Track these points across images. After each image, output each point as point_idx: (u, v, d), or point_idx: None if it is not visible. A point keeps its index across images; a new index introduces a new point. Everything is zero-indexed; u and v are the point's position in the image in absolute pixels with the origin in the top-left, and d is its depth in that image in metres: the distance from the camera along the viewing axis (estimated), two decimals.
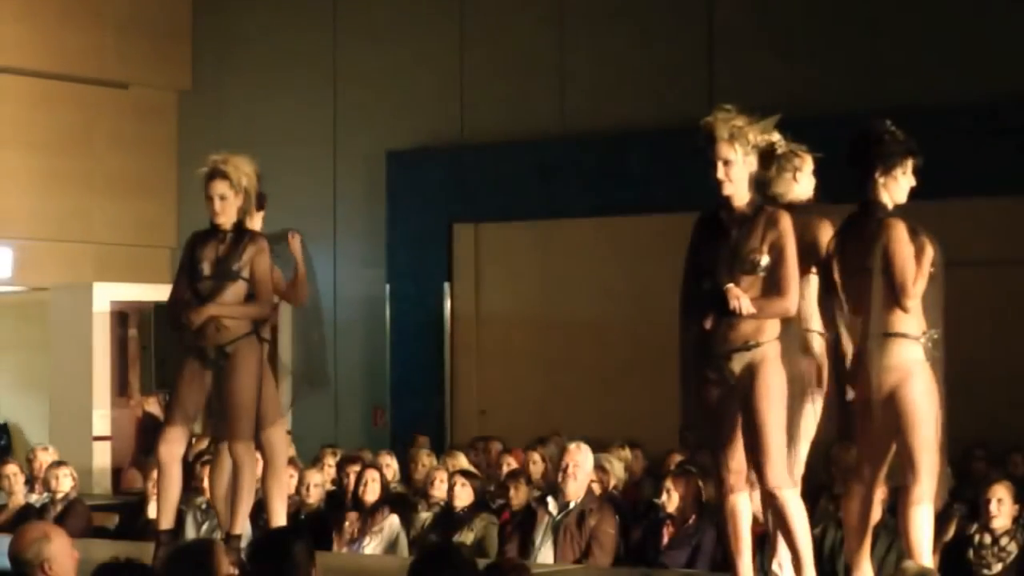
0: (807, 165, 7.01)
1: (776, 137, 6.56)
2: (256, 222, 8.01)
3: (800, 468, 6.71)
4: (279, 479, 8.24)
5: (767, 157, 6.52)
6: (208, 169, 7.74)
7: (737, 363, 6.36)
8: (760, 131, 6.44)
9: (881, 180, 6.53)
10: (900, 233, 6.41)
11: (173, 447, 7.82)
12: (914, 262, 6.39)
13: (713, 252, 6.39)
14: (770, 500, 6.47)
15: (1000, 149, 13.27)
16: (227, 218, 7.75)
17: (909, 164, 6.58)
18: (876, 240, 6.42)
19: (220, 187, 7.71)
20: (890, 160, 6.53)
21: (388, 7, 16.86)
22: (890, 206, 6.53)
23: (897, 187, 6.56)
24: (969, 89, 13.59)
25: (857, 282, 6.48)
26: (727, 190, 6.39)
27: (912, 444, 6.40)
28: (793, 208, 6.69)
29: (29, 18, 16.57)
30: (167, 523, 7.88)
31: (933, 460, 6.43)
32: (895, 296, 6.38)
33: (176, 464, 7.84)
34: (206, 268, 7.72)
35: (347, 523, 10.11)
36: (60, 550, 5.82)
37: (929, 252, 6.46)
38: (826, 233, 6.71)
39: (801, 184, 7.01)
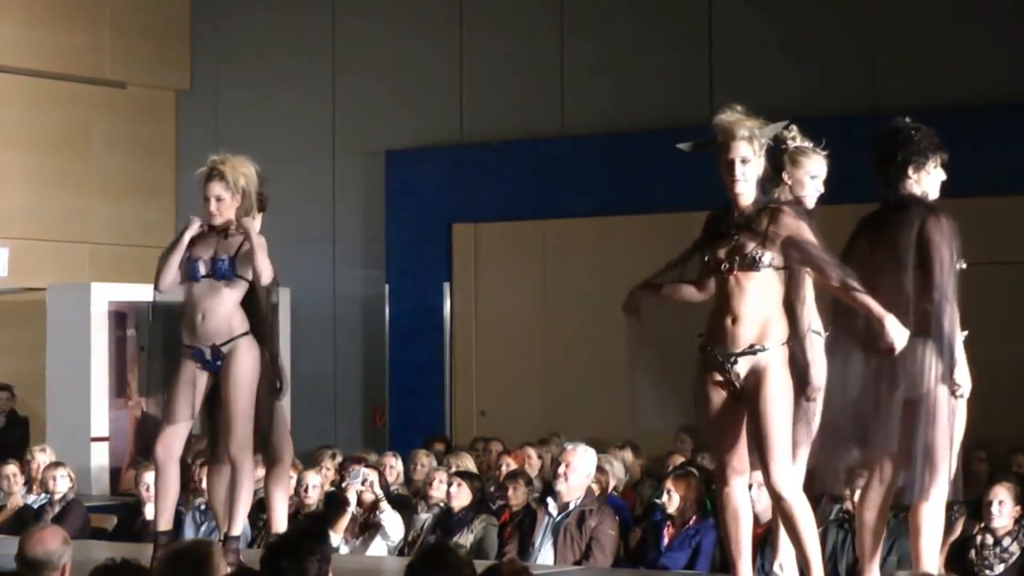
0: (811, 165, 6.99)
1: (790, 133, 6.58)
2: (256, 223, 7.95)
3: (801, 470, 6.68)
4: (282, 481, 8.21)
5: (774, 151, 6.51)
6: (206, 170, 7.72)
7: (743, 366, 6.33)
8: (770, 132, 6.44)
9: (914, 177, 6.50)
10: (943, 227, 6.34)
11: (171, 448, 7.79)
12: (951, 259, 6.33)
13: (717, 251, 6.37)
14: (777, 502, 6.44)
15: (999, 149, 13.24)
16: (224, 219, 7.71)
17: (939, 159, 6.56)
18: (917, 235, 6.34)
19: (216, 188, 7.68)
20: (922, 156, 6.51)
21: (387, 7, 16.83)
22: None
23: (930, 182, 6.53)
24: (967, 89, 13.57)
25: (889, 279, 6.41)
26: (740, 188, 6.35)
27: (936, 444, 6.34)
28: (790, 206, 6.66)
29: (27, 18, 16.52)
30: (165, 524, 7.84)
31: (951, 461, 6.39)
32: (929, 293, 6.30)
33: (173, 464, 7.80)
34: (202, 268, 7.69)
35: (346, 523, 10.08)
36: (71, 557, 5.85)
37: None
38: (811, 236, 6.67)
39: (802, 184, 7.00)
